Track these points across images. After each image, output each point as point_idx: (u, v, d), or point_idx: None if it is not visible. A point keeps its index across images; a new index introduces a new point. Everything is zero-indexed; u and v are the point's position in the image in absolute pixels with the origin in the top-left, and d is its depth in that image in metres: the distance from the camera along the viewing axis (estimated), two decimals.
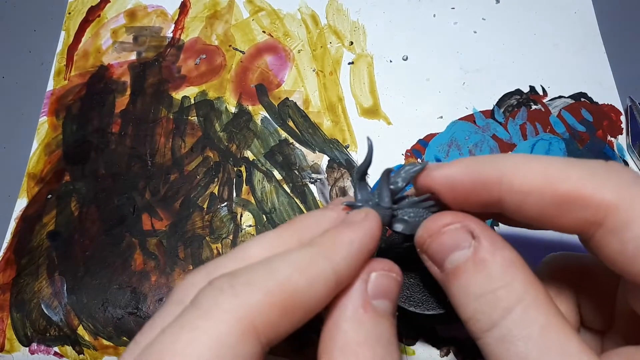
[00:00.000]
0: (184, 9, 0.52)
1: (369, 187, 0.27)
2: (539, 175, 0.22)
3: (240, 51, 0.49)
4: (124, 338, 0.38)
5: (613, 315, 0.26)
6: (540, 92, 0.46)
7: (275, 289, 0.20)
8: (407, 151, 0.44)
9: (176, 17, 0.51)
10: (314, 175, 0.43)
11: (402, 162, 0.43)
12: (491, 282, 0.22)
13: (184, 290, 0.23)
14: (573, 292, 0.27)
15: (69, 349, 0.38)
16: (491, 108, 0.45)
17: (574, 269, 0.27)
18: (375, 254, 0.26)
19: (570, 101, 0.45)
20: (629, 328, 0.25)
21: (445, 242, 0.24)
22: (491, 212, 0.24)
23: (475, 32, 0.49)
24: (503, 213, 0.24)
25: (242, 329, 0.19)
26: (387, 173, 0.26)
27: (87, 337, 0.38)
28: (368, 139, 0.27)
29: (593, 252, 0.22)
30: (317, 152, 0.44)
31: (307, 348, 0.35)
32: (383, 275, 0.24)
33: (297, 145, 0.44)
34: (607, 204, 0.20)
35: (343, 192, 0.42)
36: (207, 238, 0.41)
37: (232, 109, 0.46)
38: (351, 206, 0.26)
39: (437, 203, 0.26)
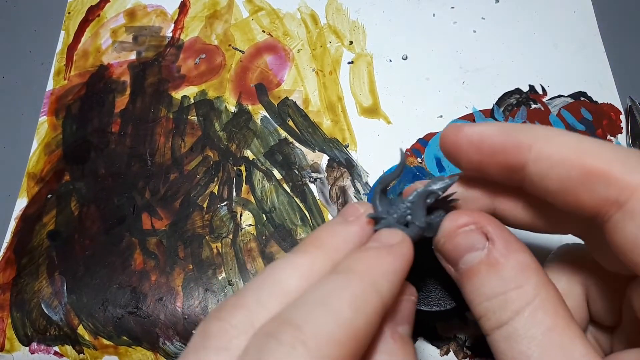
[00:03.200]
0: (183, 8, 0.52)
1: (388, 198, 0.27)
2: (571, 147, 0.21)
3: (240, 51, 0.49)
4: (124, 337, 0.38)
5: (621, 312, 0.26)
6: (540, 91, 0.46)
7: (344, 337, 0.19)
8: (407, 150, 0.44)
9: (176, 17, 0.51)
10: (313, 175, 0.43)
11: None
12: (503, 284, 0.23)
13: (224, 335, 0.21)
14: (582, 286, 0.27)
15: (69, 348, 0.38)
16: (491, 107, 0.45)
17: (583, 262, 0.27)
18: None
19: (569, 100, 0.45)
20: (634, 327, 0.25)
21: (460, 243, 0.24)
22: (509, 181, 0.24)
23: (474, 31, 0.49)
24: (522, 183, 0.23)
25: None
26: (425, 195, 0.25)
27: (87, 336, 0.38)
28: (401, 151, 0.26)
29: (606, 237, 0.21)
30: (316, 151, 0.44)
31: None
32: (405, 300, 0.24)
33: (296, 144, 0.44)
34: (633, 187, 0.19)
35: (343, 191, 0.42)
36: (207, 237, 0.41)
37: (232, 109, 0.46)
38: (375, 219, 0.26)
39: (448, 200, 0.26)
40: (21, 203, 0.44)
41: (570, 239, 0.27)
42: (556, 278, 0.27)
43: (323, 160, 0.44)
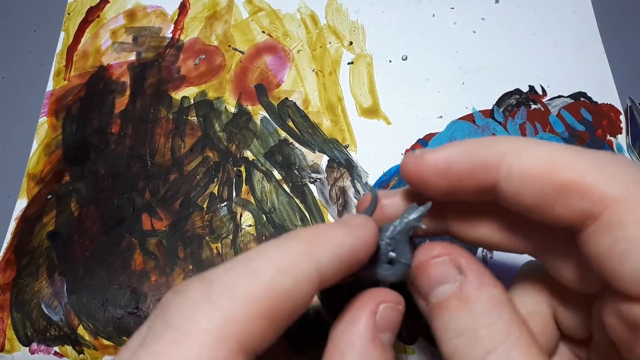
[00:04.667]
0: (183, 9, 0.52)
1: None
2: (542, 160, 0.20)
3: (240, 51, 0.49)
4: (124, 338, 0.38)
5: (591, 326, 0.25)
6: (540, 92, 0.46)
7: (259, 295, 0.18)
8: (406, 151, 0.44)
9: (175, 18, 0.51)
10: (313, 175, 0.43)
11: None
12: (474, 320, 0.22)
13: (181, 315, 0.20)
14: (548, 304, 0.26)
15: (69, 348, 0.38)
16: (490, 107, 0.45)
17: (548, 280, 0.26)
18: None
19: (569, 101, 0.45)
20: (605, 341, 0.24)
21: (431, 275, 0.24)
22: (482, 200, 0.23)
23: (474, 31, 0.49)
24: (496, 200, 0.22)
25: (226, 349, 0.17)
26: (407, 230, 0.25)
27: (87, 336, 0.38)
28: (373, 190, 0.26)
29: (581, 248, 0.20)
30: (316, 152, 0.44)
31: (306, 347, 0.35)
32: (391, 308, 0.23)
33: (296, 145, 0.44)
34: (608, 198, 0.19)
35: (343, 191, 0.42)
36: (207, 238, 0.41)
37: (232, 109, 0.46)
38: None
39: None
40: (21, 204, 0.44)
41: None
42: (522, 297, 0.26)
43: (323, 160, 0.44)
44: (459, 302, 0.22)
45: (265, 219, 0.41)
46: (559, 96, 0.45)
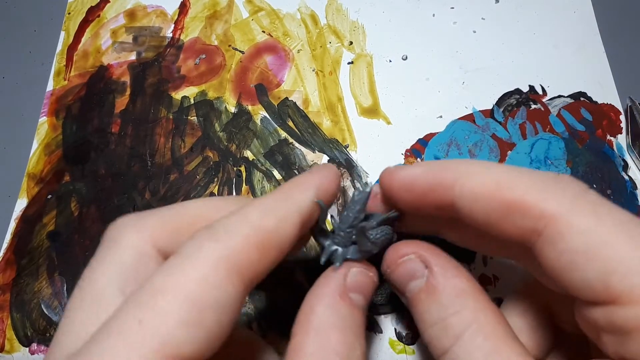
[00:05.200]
0: (183, 9, 0.52)
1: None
2: (489, 181, 0.22)
3: (240, 51, 0.49)
4: None
5: (549, 340, 0.27)
6: (540, 92, 0.46)
7: (250, 232, 0.21)
8: (406, 151, 0.44)
9: (176, 17, 0.51)
10: None
11: (402, 161, 0.43)
12: (442, 310, 0.24)
13: (115, 230, 0.24)
14: (544, 299, 0.27)
15: None
16: (491, 107, 0.45)
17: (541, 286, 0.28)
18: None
19: (569, 100, 0.45)
20: (568, 351, 0.26)
21: (402, 273, 0.26)
22: (447, 216, 0.25)
23: (474, 31, 0.49)
24: (459, 218, 0.24)
25: (225, 269, 0.20)
26: (362, 230, 0.27)
27: None
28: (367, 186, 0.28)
29: (534, 262, 0.22)
30: (316, 151, 0.44)
31: None
32: (361, 272, 0.26)
33: (296, 145, 0.44)
34: (547, 214, 0.20)
35: (343, 191, 0.42)
36: None
37: (232, 109, 0.46)
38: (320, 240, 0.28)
39: (401, 216, 0.28)
40: (21, 203, 0.44)
41: None
42: (520, 294, 0.28)
43: (323, 160, 0.43)
44: (428, 295, 0.24)
45: None
46: (559, 96, 0.45)
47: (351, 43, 0.49)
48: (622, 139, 0.43)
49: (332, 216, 0.29)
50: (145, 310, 0.19)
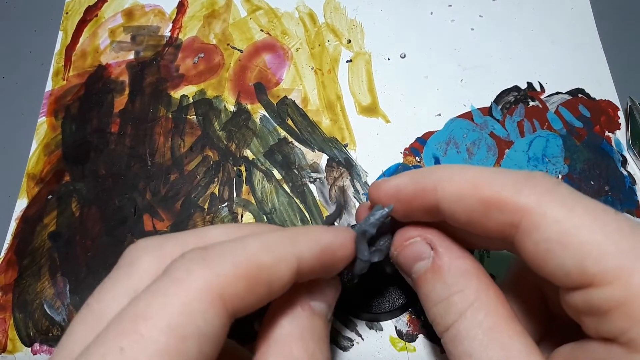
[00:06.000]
0: (181, 8, 0.52)
1: None
2: (467, 182, 0.24)
3: (239, 50, 0.49)
4: None
5: (542, 324, 0.28)
6: (538, 89, 0.46)
7: (243, 262, 0.21)
8: (405, 149, 0.44)
9: (174, 16, 0.51)
10: (313, 175, 0.43)
11: (401, 160, 0.43)
12: (447, 289, 0.25)
13: (134, 252, 0.24)
14: (539, 294, 0.28)
15: None
16: (489, 105, 0.45)
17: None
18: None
19: (567, 97, 0.45)
20: (560, 334, 0.27)
21: (409, 255, 0.27)
22: (436, 219, 0.26)
23: (472, 29, 0.49)
24: (445, 220, 0.25)
25: (211, 297, 0.20)
26: (364, 234, 0.28)
27: None
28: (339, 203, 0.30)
29: (518, 256, 0.23)
30: (316, 150, 0.44)
31: None
32: (330, 285, 0.27)
33: (296, 144, 0.45)
34: (521, 208, 0.22)
35: (342, 191, 0.42)
36: None
37: (231, 108, 0.46)
38: None
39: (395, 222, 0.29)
40: (21, 204, 0.44)
41: None
42: (518, 277, 0.29)
43: (322, 159, 0.44)
44: (433, 275, 0.26)
45: (266, 220, 0.42)
46: (557, 93, 0.46)
47: (349, 41, 0.49)
48: (620, 135, 0.44)
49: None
50: (126, 337, 0.19)
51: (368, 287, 0.36)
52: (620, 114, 0.45)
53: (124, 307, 0.20)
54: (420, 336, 0.37)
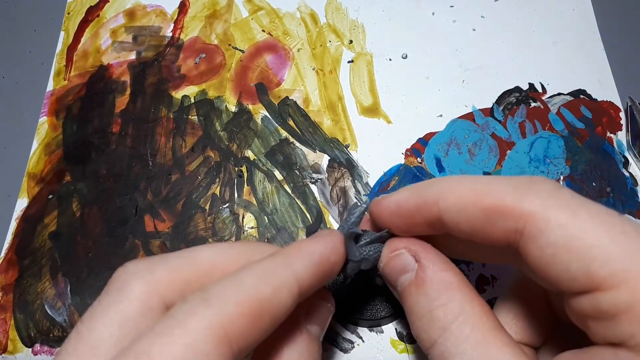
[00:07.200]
0: (183, 8, 0.52)
1: None
2: (468, 191, 0.23)
3: (240, 50, 0.49)
4: None
5: (546, 329, 0.28)
6: (540, 90, 0.46)
7: (244, 299, 0.21)
8: (407, 150, 0.44)
9: (175, 17, 0.51)
10: (314, 175, 0.43)
11: (402, 161, 0.43)
12: (430, 302, 0.25)
13: (123, 277, 0.23)
14: (541, 292, 0.28)
15: None
16: (490, 106, 0.45)
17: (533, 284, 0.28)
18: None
19: (569, 98, 0.45)
20: (564, 340, 0.27)
21: (393, 267, 0.27)
22: (438, 233, 0.26)
23: (474, 29, 0.49)
24: (448, 232, 0.25)
25: (215, 337, 0.20)
26: (351, 236, 0.28)
27: None
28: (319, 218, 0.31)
29: (524, 263, 0.23)
30: (317, 151, 0.44)
31: None
32: (322, 306, 0.27)
33: (297, 144, 0.44)
34: (525, 214, 0.22)
35: (343, 192, 0.42)
36: (210, 240, 0.41)
37: (232, 108, 0.46)
38: None
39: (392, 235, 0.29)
40: (22, 203, 0.44)
41: None
42: (519, 285, 0.29)
43: (324, 160, 0.44)
44: (417, 288, 0.25)
45: (267, 221, 0.42)
46: (559, 94, 0.46)
47: (351, 42, 0.49)
48: (622, 136, 0.44)
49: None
50: None
51: (357, 296, 0.36)
52: (622, 115, 0.44)
53: (126, 347, 0.20)
54: None
